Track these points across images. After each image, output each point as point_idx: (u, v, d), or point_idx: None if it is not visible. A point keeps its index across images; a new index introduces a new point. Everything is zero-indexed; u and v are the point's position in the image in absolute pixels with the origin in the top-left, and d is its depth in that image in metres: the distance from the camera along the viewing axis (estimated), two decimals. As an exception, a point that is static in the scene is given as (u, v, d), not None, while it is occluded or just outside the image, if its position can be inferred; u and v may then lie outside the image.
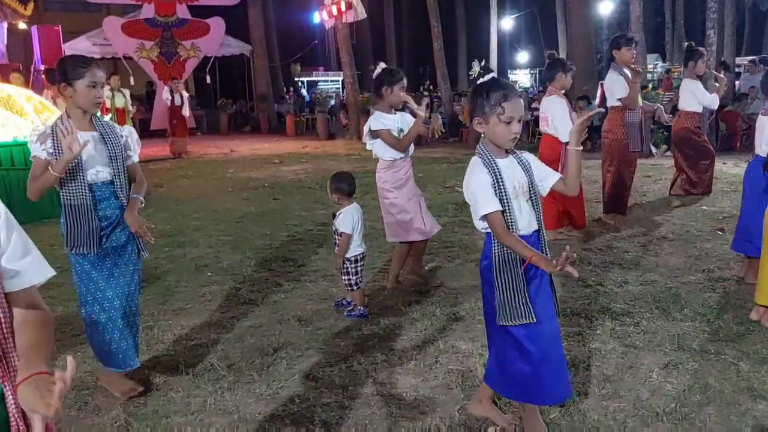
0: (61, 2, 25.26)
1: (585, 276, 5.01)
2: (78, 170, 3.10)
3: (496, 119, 2.54)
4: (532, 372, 2.65)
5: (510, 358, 2.70)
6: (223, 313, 4.52)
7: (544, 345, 2.64)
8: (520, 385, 2.71)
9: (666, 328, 3.96)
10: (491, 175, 2.55)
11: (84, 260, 3.18)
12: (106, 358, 3.29)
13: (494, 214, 2.53)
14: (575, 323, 4.09)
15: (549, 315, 2.67)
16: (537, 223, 2.69)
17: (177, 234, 6.92)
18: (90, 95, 3.13)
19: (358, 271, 4.37)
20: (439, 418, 3.02)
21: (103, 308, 3.21)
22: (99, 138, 3.21)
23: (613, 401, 3.13)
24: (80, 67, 3.11)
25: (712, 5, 12.40)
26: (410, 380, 3.42)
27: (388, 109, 4.71)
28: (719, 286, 4.71)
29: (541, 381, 2.67)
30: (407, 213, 4.74)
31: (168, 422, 3.07)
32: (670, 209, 7.32)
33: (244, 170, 12.20)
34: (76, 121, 3.15)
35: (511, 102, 2.51)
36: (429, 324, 4.18)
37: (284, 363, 3.68)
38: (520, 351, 2.65)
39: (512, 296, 2.56)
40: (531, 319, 2.55)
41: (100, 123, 3.27)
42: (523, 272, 2.56)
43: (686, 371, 3.40)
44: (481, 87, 2.63)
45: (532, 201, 2.67)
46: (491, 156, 2.61)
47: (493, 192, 2.53)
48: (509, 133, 2.53)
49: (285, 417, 3.09)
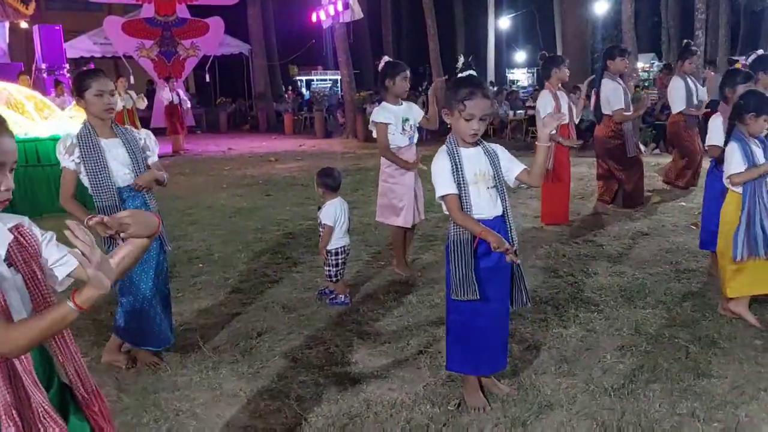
0: (63, 1, 25.50)
1: (557, 267, 5.27)
2: (106, 176, 3.39)
3: (458, 114, 2.80)
4: (474, 345, 2.97)
5: (459, 331, 3.02)
6: (212, 301, 4.77)
7: (488, 323, 2.94)
8: (461, 357, 3.05)
9: (627, 315, 4.21)
10: (451, 162, 2.83)
11: None
12: (144, 339, 3.63)
13: (449, 196, 2.82)
14: (542, 311, 4.34)
15: (498, 297, 2.94)
16: (502, 209, 2.93)
17: (172, 228, 7.16)
18: (99, 103, 3.39)
19: (338, 263, 4.62)
20: (405, 393, 3.27)
21: (137, 298, 3.53)
22: (120, 144, 3.49)
23: (567, 379, 3.38)
24: (88, 78, 3.40)
25: (700, 6, 12.60)
26: (382, 360, 3.67)
27: (394, 99, 4.98)
28: (684, 277, 4.96)
29: (480, 354, 3.01)
30: (401, 201, 5.01)
31: (156, 397, 3.32)
32: (649, 204, 7.56)
33: (240, 168, 12.46)
34: (98, 129, 3.44)
35: (473, 101, 2.76)
36: (405, 311, 4.43)
37: (266, 345, 3.93)
38: (465, 325, 2.97)
39: (462, 273, 2.83)
40: (474, 296, 2.82)
41: (120, 130, 3.54)
42: (474, 250, 2.82)
43: (639, 353, 3.65)
44: (453, 82, 2.94)
45: (497, 188, 2.92)
46: (455, 145, 2.89)
47: (452, 177, 2.81)
48: (469, 129, 2.80)
49: (263, 393, 3.34)
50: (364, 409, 3.14)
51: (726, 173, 3.95)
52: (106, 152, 3.42)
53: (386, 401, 3.20)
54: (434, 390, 3.29)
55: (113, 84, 3.51)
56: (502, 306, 2.99)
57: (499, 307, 2.96)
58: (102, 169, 3.38)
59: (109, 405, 1.92)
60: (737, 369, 3.43)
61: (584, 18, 18.28)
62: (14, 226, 1.71)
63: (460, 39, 31.15)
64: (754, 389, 3.20)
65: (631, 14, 14.59)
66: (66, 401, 1.80)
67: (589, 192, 8.45)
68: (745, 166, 3.83)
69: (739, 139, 3.90)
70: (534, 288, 4.77)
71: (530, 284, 4.82)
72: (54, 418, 1.64)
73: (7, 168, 1.64)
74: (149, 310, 3.55)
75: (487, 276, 2.88)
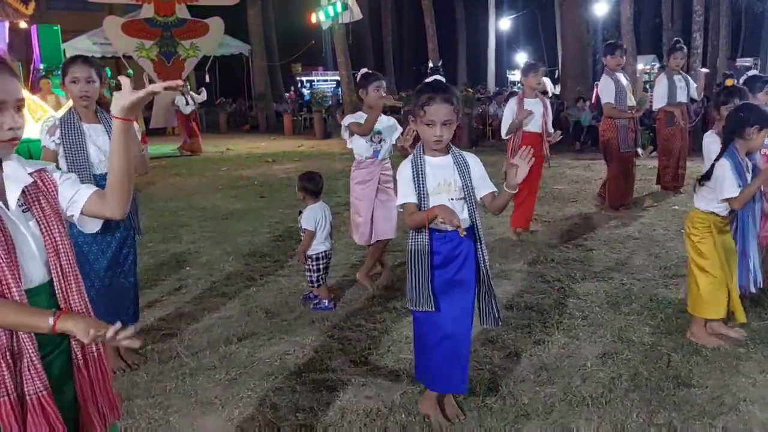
0: (63, 1, 25.51)
1: (545, 272, 5.23)
2: (83, 160, 3.39)
3: (420, 120, 2.75)
4: (428, 357, 2.91)
5: (418, 341, 2.99)
6: (195, 305, 4.74)
7: (442, 338, 2.85)
8: (422, 369, 3.00)
9: (611, 322, 4.18)
10: (413, 171, 2.77)
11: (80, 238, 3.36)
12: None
13: (407, 204, 2.75)
14: (526, 316, 4.30)
15: (454, 314, 2.83)
16: (470, 222, 2.84)
17: (162, 230, 7.15)
18: (74, 89, 3.42)
19: (320, 268, 4.58)
20: (381, 402, 3.24)
21: (93, 284, 3.44)
22: (103, 130, 3.50)
23: (546, 387, 3.34)
24: (68, 65, 3.45)
25: (698, 8, 12.55)
26: (361, 368, 3.64)
27: (367, 110, 4.92)
28: (672, 283, 4.91)
29: (433, 368, 2.91)
30: (359, 215, 4.97)
31: (129, 404, 3.29)
32: (642, 209, 7.52)
33: (237, 168, 12.45)
34: (81, 113, 3.47)
35: (433, 106, 2.68)
36: (388, 316, 4.39)
37: (245, 351, 3.90)
38: (422, 336, 2.94)
39: (418, 283, 2.79)
40: (430, 307, 2.78)
41: (104, 116, 3.54)
42: (430, 261, 2.77)
43: (620, 361, 3.61)
44: (417, 88, 2.88)
45: (465, 200, 2.81)
46: (421, 153, 2.82)
47: (413, 186, 2.74)
48: (431, 135, 2.72)
49: (238, 400, 3.31)
50: (338, 417, 3.11)
51: (720, 196, 3.63)
52: (87, 136, 3.43)
53: (362, 410, 3.17)
54: (411, 398, 3.25)
55: (94, 72, 3.46)
56: (460, 324, 2.85)
57: (455, 325, 2.83)
58: (79, 151, 3.38)
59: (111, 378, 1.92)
60: (718, 378, 3.39)
61: (583, 19, 18.23)
62: (36, 171, 1.80)
63: (461, 40, 31.12)
64: (734, 399, 3.16)
65: (630, 15, 14.59)
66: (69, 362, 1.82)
67: (582, 195, 8.40)
68: (739, 189, 3.54)
69: (733, 158, 3.60)
70: (519, 293, 4.75)
71: (516, 289, 4.86)
72: (40, 375, 1.68)
73: (9, 106, 1.68)
74: (95, 297, 3.39)
75: (443, 289, 2.80)
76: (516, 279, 5.11)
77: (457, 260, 2.81)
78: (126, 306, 3.66)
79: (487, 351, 3.77)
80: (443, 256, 2.78)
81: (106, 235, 3.47)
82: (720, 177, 3.61)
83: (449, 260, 2.79)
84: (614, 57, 7.04)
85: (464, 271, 2.82)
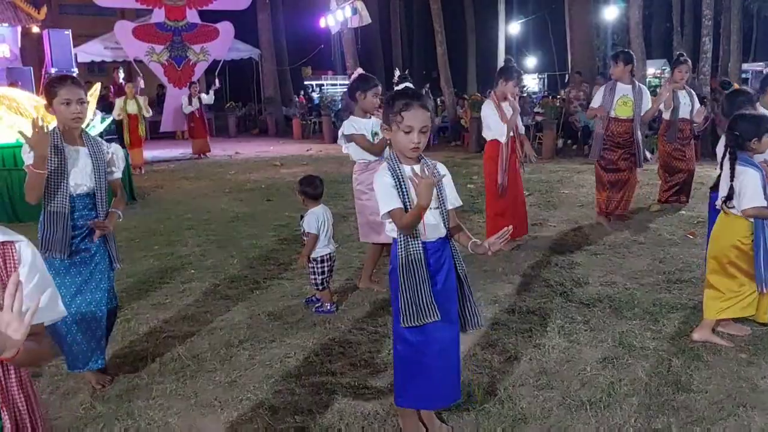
0: (75, 6, 25.74)
1: (548, 276, 5.22)
2: (62, 180, 3.29)
3: (396, 127, 2.65)
4: (426, 377, 2.78)
5: (408, 365, 2.81)
6: (198, 308, 4.77)
7: (440, 347, 2.77)
8: (414, 393, 2.83)
9: (613, 326, 4.16)
10: (394, 179, 2.67)
11: (52, 265, 3.28)
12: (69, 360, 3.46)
13: (394, 211, 2.65)
14: (528, 321, 4.30)
15: (448, 320, 2.77)
16: (444, 230, 2.78)
17: (168, 233, 7.20)
18: (66, 112, 3.30)
19: (324, 271, 4.60)
20: (380, 405, 3.24)
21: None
22: (86, 153, 3.41)
23: (545, 391, 3.33)
24: (55, 86, 3.31)
25: (707, 12, 12.49)
26: (361, 371, 3.64)
27: (362, 113, 4.93)
28: (675, 287, 4.89)
29: (432, 386, 2.81)
30: (378, 215, 4.94)
31: (130, 406, 3.32)
32: (649, 213, 7.49)
33: (245, 172, 12.49)
34: (65, 135, 3.36)
35: (411, 112, 2.60)
36: (389, 319, 4.38)
37: (246, 354, 3.92)
38: (414, 355, 2.77)
39: (417, 295, 2.66)
40: (435, 317, 2.66)
41: (89, 139, 3.47)
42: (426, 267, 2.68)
43: (620, 365, 3.60)
44: (390, 95, 2.79)
45: (440, 209, 2.75)
46: (397, 162, 2.72)
47: (397, 193, 2.65)
48: (409, 141, 2.63)
49: (238, 402, 3.32)
50: (336, 420, 3.12)
51: (740, 206, 3.63)
52: (69, 159, 3.32)
53: (359, 413, 3.17)
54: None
55: (84, 92, 3.39)
56: (451, 333, 2.83)
57: (448, 335, 2.81)
58: (59, 173, 3.27)
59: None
60: (718, 383, 3.37)
61: (592, 25, 18.19)
62: (1, 242, 1.62)
63: (470, 44, 31.03)
64: (733, 404, 3.15)
65: (639, 20, 14.52)
66: None
67: (589, 200, 8.37)
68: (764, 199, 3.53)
69: (753, 165, 3.60)
70: (522, 297, 4.74)
71: (518, 293, 4.86)
72: None
73: None
74: (61, 326, 3.32)
75: (435, 300, 2.72)
76: (518, 283, 5.10)
77: (442, 271, 2.76)
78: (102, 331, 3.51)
79: (487, 354, 3.77)
80: (432, 268, 2.73)
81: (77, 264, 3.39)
82: (744, 186, 3.61)
83: (435, 272, 2.73)
84: (617, 66, 6.74)
85: (449, 281, 2.78)
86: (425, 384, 2.79)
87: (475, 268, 5.25)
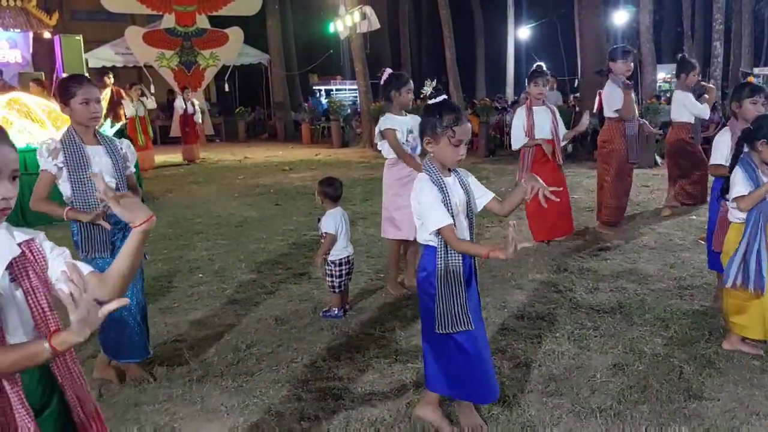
0: (86, 12, 25.88)
1: (558, 281, 5.18)
2: (91, 185, 3.30)
3: (446, 141, 2.73)
4: (471, 372, 2.87)
5: (453, 360, 2.89)
6: (205, 313, 4.76)
7: (479, 347, 2.87)
8: (463, 384, 2.92)
9: (623, 332, 4.11)
10: (441, 192, 2.73)
11: (97, 265, 3.28)
12: (122, 352, 3.56)
13: (447, 226, 2.69)
14: (537, 326, 4.26)
15: (479, 319, 2.91)
16: (470, 238, 2.88)
17: (177, 237, 7.20)
18: (85, 111, 3.34)
19: (342, 274, 4.57)
20: (387, 411, 3.21)
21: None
22: (104, 151, 3.46)
23: (554, 398, 3.30)
24: (73, 86, 3.34)
25: (718, 17, 12.43)
26: (368, 376, 3.62)
27: (398, 111, 4.97)
28: (687, 293, 4.84)
29: (479, 380, 2.90)
30: (401, 212, 4.92)
31: (136, 410, 3.30)
32: (659, 219, 7.43)
33: (254, 177, 12.51)
34: (81, 135, 3.40)
35: (461, 126, 2.71)
36: (398, 324, 4.37)
37: (253, 359, 3.90)
38: (461, 353, 2.86)
39: (452, 305, 2.76)
40: (470, 326, 2.77)
41: (103, 137, 3.52)
42: (463, 279, 2.77)
43: (631, 372, 3.55)
44: (434, 108, 2.82)
45: (469, 218, 2.87)
46: (439, 174, 2.79)
47: (445, 207, 2.71)
48: (456, 155, 2.74)
49: (244, 408, 3.30)
50: (343, 426, 3.10)
51: (730, 198, 3.70)
52: (91, 159, 3.38)
53: (366, 419, 3.15)
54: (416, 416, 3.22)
55: (99, 91, 3.45)
56: (484, 333, 2.98)
57: (482, 330, 2.95)
58: (85, 175, 3.31)
59: None
60: (731, 391, 3.32)
61: (602, 29, 18.10)
62: (25, 241, 1.72)
63: (480, 49, 31.05)
64: (746, 413, 3.10)
65: (649, 25, 14.51)
66: (64, 423, 1.75)
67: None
68: (749, 189, 3.56)
69: (746, 165, 3.63)
70: (531, 303, 4.71)
71: (528, 299, 4.83)
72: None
73: (4, 176, 1.63)
74: (128, 320, 3.49)
75: (467, 301, 2.82)
76: (529, 288, 5.06)
77: (471, 276, 2.87)
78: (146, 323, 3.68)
79: (496, 361, 3.72)
80: (466, 276, 2.82)
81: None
82: (732, 181, 3.66)
83: (468, 278, 2.83)
84: (625, 62, 6.44)
85: (472, 287, 2.89)
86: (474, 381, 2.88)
87: (484, 274, 5.21)
